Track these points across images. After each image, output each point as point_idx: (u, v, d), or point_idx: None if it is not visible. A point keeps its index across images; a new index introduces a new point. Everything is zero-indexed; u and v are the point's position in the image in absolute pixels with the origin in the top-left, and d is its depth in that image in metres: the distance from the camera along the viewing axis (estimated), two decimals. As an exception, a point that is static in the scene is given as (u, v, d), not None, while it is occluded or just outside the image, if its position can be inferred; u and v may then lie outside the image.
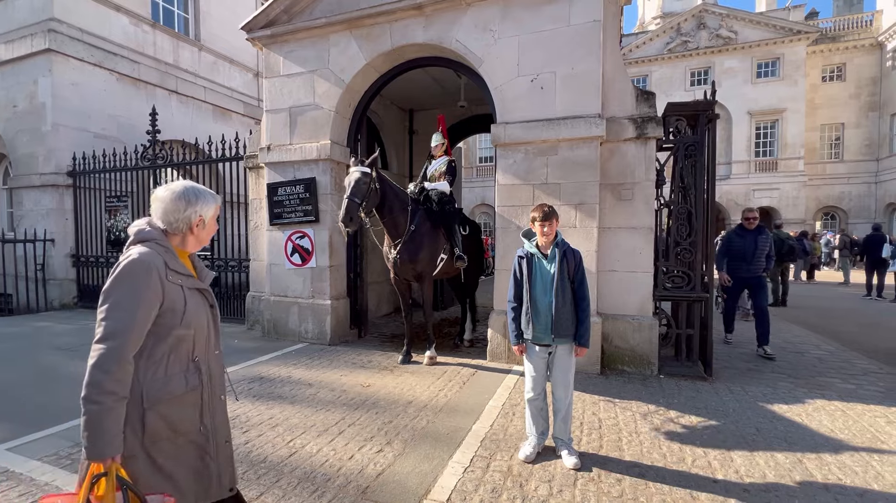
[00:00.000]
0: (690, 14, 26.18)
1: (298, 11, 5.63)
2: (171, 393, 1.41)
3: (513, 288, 2.83)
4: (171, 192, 1.46)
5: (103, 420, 1.25)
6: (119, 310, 1.30)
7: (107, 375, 1.26)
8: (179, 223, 1.45)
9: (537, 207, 2.74)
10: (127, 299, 1.31)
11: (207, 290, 1.54)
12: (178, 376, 1.43)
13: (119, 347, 1.28)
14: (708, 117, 4.43)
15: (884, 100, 24.55)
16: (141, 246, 1.40)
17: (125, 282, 1.32)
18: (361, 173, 4.30)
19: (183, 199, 1.45)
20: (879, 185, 24.58)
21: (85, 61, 8.45)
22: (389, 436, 3.08)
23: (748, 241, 5.42)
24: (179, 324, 1.41)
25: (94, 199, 8.25)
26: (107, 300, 1.31)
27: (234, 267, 6.95)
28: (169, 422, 1.41)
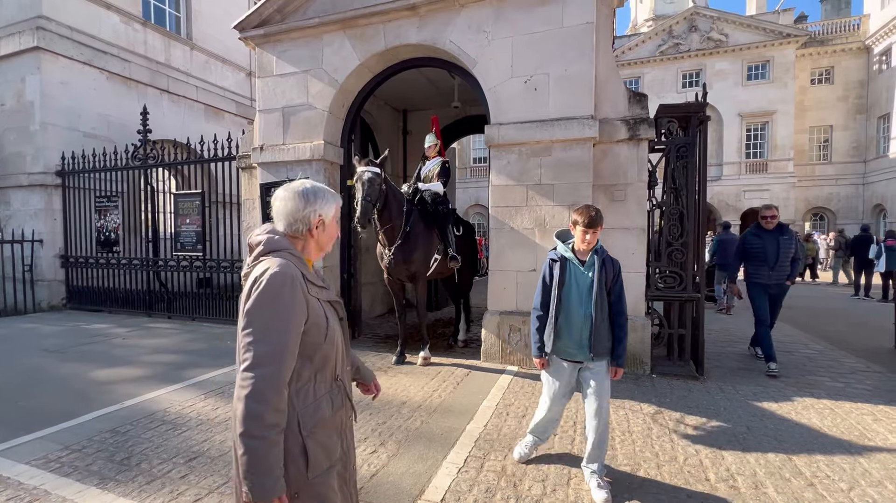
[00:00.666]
0: (682, 17, 26.43)
1: (292, 11, 5.60)
2: (323, 417, 1.28)
3: (540, 294, 2.53)
4: (289, 190, 1.36)
5: (268, 456, 1.12)
6: (269, 331, 1.15)
7: (266, 406, 1.11)
8: (298, 224, 1.33)
9: (582, 210, 2.39)
10: (276, 318, 1.16)
11: (339, 302, 1.43)
12: (325, 398, 1.30)
13: (275, 374, 1.14)
14: (699, 119, 4.48)
15: (871, 102, 24.94)
16: (273, 257, 1.25)
17: (271, 298, 1.16)
18: (374, 174, 4.29)
19: (301, 198, 1.34)
20: (867, 186, 24.97)
21: (74, 59, 8.35)
22: (383, 437, 3.07)
23: (769, 243, 4.68)
24: (324, 342, 1.28)
25: (84, 200, 8.14)
26: (253, 321, 1.16)
27: (226, 267, 6.90)
28: (325, 450, 1.28)
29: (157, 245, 7.70)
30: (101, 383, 4.20)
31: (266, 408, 1.11)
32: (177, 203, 7.29)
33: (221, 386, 4.12)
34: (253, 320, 1.16)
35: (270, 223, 1.38)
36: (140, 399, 3.79)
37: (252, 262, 1.29)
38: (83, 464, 2.72)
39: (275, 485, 1.12)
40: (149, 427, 3.24)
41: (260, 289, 1.17)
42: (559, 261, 2.48)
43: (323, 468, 1.26)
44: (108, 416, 3.43)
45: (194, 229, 7.11)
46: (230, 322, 6.75)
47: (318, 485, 1.25)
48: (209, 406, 3.64)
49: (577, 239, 2.45)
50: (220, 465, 2.69)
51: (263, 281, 1.18)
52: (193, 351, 5.38)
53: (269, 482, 1.11)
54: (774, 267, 4.68)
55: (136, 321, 7.18)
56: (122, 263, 7.89)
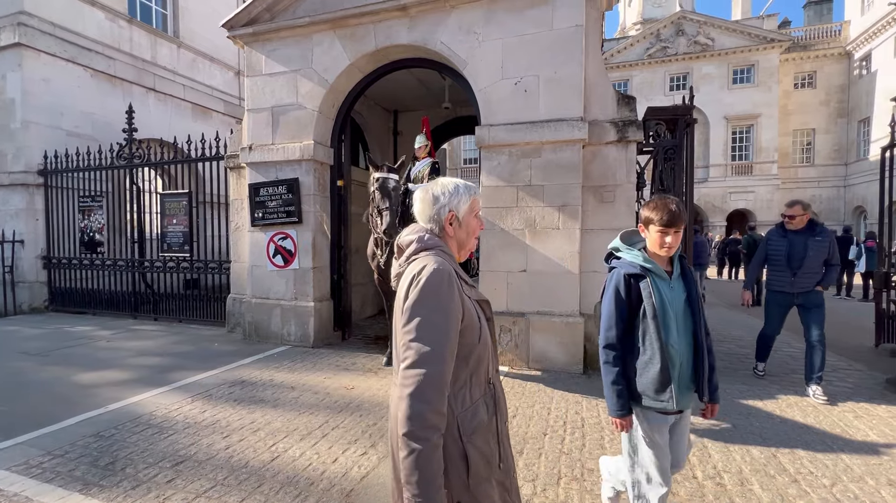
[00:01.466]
0: (669, 21, 26.80)
1: (281, 10, 5.56)
2: (481, 422, 1.22)
3: (616, 324, 1.83)
4: (422, 190, 1.34)
5: (431, 460, 1.07)
6: (432, 329, 1.11)
7: (429, 406, 1.07)
8: (433, 223, 1.31)
9: (657, 205, 1.79)
10: (438, 316, 1.12)
11: (487, 302, 1.36)
12: (480, 402, 1.24)
13: (438, 374, 1.09)
14: (686, 121, 4.55)
15: (851, 107, 25.56)
16: (427, 255, 1.23)
17: (432, 295, 1.13)
18: (396, 182, 4.32)
19: (431, 196, 1.31)
20: (848, 188, 25.56)
21: (57, 56, 8.18)
22: (374, 439, 3.06)
23: (795, 245, 4.00)
24: (478, 342, 1.23)
25: (67, 199, 7.98)
26: (414, 318, 1.13)
27: (214, 268, 6.81)
28: (484, 457, 1.21)
29: (142, 246, 7.58)
30: (85, 387, 4.12)
31: (428, 408, 1.07)
32: (163, 203, 7.18)
33: (209, 388, 4.06)
34: (413, 317, 1.13)
35: (416, 223, 1.35)
36: (125, 402, 3.72)
37: (405, 262, 1.26)
38: (66, 469, 2.67)
39: (437, 494, 1.07)
40: (134, 431, 3.18)
41: (420, 286, 1.14)
42: (636, 276, 1.80)
43: (483, 476, 1.20)
44: (92, 420, 3.36)
45: (181, 230, 7.01)
46: (218, 324, 6.67)
47: (480, 494, 1.20)
48: (196, 409, 3.59)
49: (651, 242, 1.82)
50: (208, 469, 2.65)
51: (423, 278, 1.15)
52: (180, 353, 5.30)
53: (432, 489, 1.06)
54: (798, 273, 4.00)
55: (122, 323, 7.05)
56: (106, 264, 7.74)
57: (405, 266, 1.26)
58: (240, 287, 6.27)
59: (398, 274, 1.28)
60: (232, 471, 2.63)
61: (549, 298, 4.61)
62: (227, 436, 3.11)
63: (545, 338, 4.60)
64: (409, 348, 1.11)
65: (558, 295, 4.59)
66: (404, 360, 1.12)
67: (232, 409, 3.58)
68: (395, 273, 1.30)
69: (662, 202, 1.79)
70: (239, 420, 3.37)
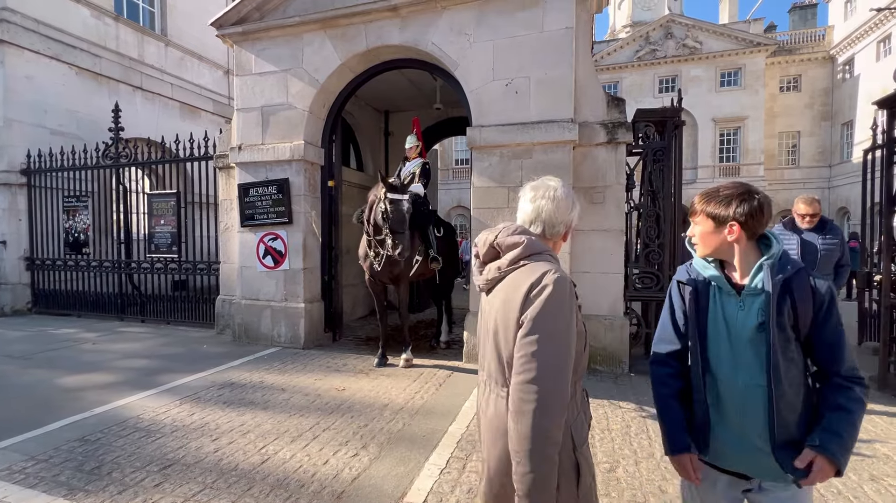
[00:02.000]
0: (658, 24, 27.11)
1: (271, 9, 5.52)
2: (586, 430, 1.21)
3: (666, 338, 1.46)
4: (553, 190, 1.24)
5: (552, 474, 1.05)
6: (556, 342, 1.08)
7: (553, 423, 1.06)
8: (560, 227, 1.25)
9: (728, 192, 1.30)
10: (562, 329, 1.09)
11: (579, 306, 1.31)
12: (581, 410, 1.22)
13: (562, 390, 1.07)
14: (675, 123, 4.60)
15: (835, 110, 26.08)
16: (538, 260, 1.17)
17: (557, 307, 1.09)
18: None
19: (568, 200, 1.24)
20: (832, 190, 26.08)
21: (41, 54, 8.03)
22: (365, 440, 3.05)
23: (808, 246, 3.56)
24: (584, 350, 1.21)
25: (51, 199, 7.83)
26: (538, 330, 1.08)
27: (202, 270, 6.74)
28: (589, 464, 1.19)
29: (129, 247, 7.46)
30: (70, 390, 4.04)
31: (553, 424, 1.06)
32: (151, 203, 7.08)
33: (198, 391, 4.01)
34: (537, 329, 1.08)
35: (511, 223, 1.26)
36: (111, 406, 3.66)
37: (509, 266, 1.19)
38: (50, 474, 2.62)
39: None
40: (120, 435, 3.13)
41: (546, 295, 1.09)
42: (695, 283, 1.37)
43: (588, 484, 1.18)
44: (77, 425, 3.30)
45: (169, 230, 6.92)
46: (207, 326, 6.59)
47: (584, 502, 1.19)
48: (185, 412, 3.55)
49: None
50: (197, 473, 2.62)
51: (549, 287, 1.09)
52: (168, 355, 5.23)
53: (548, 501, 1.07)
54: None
55: (108, 325, 6.94)
56: (92, 266, 7.61)
57: (509, 269, 1.19)
58: (229, 288, 6.21)
59: (497, 278, 1.21)
60: (221, 474, 2.60)
61: (540, 299, 4.63)
62: (217, 438, 3.07)
63: (536, 338, 4.61)
64: (532, 361, 1.07)
65: (549, 295, 4.61)
66: (524, 373, 1.07)
67: (221, 412, 3.54)
68: (490, 277, 1.23)
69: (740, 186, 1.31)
70: (228, 422, 3.34)
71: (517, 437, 1.07)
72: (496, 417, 1.18)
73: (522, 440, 1.06)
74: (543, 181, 1.28)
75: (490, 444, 1.20)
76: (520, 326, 1.11)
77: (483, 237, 1.27)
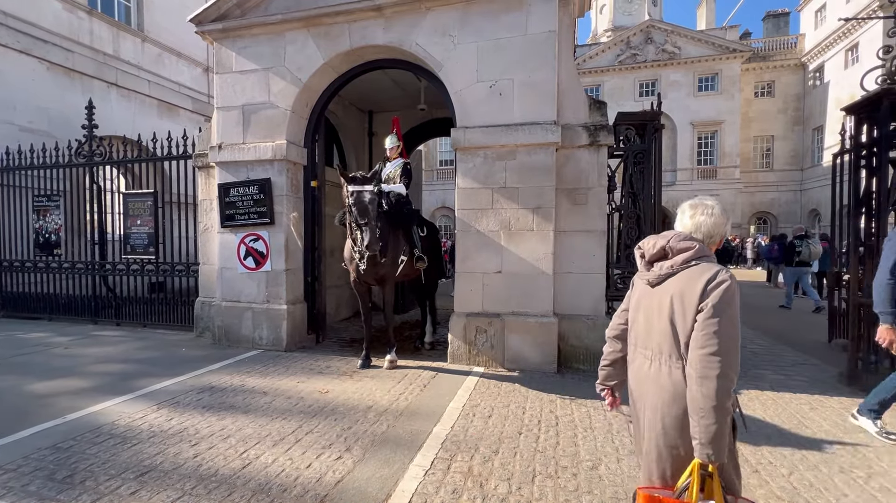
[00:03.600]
0: (639, 28, 27.67)
1: (252, 6, 5.44)
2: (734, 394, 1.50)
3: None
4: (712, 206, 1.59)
5: (726, 426, 1.38)
6: (733, 324, 1.40)
7: (731, 384, 1.38)
8: (716, 237, 1.58)
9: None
10: (734, 313, 1.41)
11: None
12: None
13: (737, 359, 1.40)
14: (655, 127, 4.71)
15: (806, 115, 27.04)
16: (708, 262, 1.50)
17: (732, 298, 1.41)
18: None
19: (724, 215, 1.59)
20: (804, 192, 27.01)
21: (9, 47, 7.75)
22: (349, 443, 3.02)
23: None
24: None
25: (20, 199, 7.54)
26: (719, 314, 1.39)
27: (181, 271, 6.58)
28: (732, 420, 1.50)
29: (104, 247, 7.23)
30: (40, 396, 3.90)
31: (730, 385, 1.38)
32: (127, 203, 6.88)
33: (176, 395, 3.92)
34: (718, 314, 1.39)
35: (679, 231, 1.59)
36: (84, 412, 3.54)
37: (682, 265, 1.51)
38: (19, 484, 2.52)
39: (723, 451, 1.39)
40: (94, 442, 3.03)
41: (723, 288, 1.41)
42: None
43: (734, 439, 1.52)
44: (48, 432, 3.18)
45: (146, 231, 6.74)
46: (186, 328, 6.44)
47: (734, 456, 1.56)
48: (163, 417, 3.46)
49: None
50: (175, 479, 2.56)
51: (725, 282, 1.42)
52: (145, 359, 5.09)
53: (722, 446, 1.38)
54: None
55: (81, 329, 6.71)
56: (63, 267, 7.36)
57: (682, 268, 1.50)
58: (209, 290, 6.08)
59: (666, 275, 1.53)
60: (201, 480, 2.55)
61: (524, 299, 4.68)
62: (196, 443, 3.00)
63: (520, 338, 4.65)
64: (714, 338, 1.38)
65: (533, 295, 4.66)
66: (708, 347, 1.38)
67: (201, 416, 3.47)
68: (662, 272, 1.55)
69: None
70: (208, 427, 3.27)
71: (701, 397, 1.38)
72: (672, 384, 1.49)
73: (707, 399, 1.37)
74: (701, 200, 1.63)
75: (665, 406, 1.51)
76: (698, 311, 1.42)
77: (651, 242, 1.61)
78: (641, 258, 1.65)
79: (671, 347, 1.49)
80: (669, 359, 1.50)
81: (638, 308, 1.66)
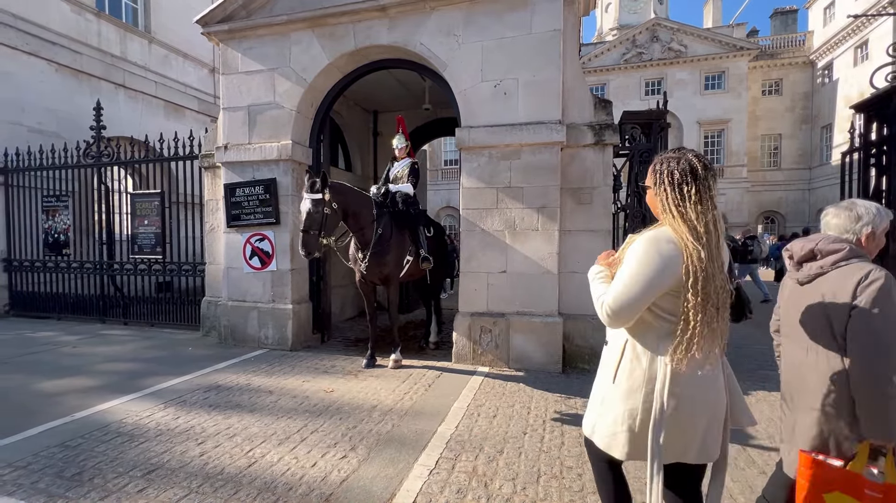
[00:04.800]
0: (644, 27, 27.49)
1: (258, 7, 5.46)
2: None
3: None
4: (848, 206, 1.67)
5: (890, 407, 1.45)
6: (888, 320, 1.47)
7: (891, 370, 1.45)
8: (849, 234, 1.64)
9: None
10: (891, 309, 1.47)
11: None
12: None
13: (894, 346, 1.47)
14: (660, 126, 4.68)
15: (815, 113, 26.73)
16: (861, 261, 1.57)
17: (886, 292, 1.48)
18: (312, 202, 4.11)
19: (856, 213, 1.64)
20: (812, 191, 26.71)
21: (18, 49, 7.83)
22: (354, 442, 3.03)
23: None
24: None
25: (30, 199, 7.63)
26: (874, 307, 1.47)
27: (188, 271, 6.63)
28: None
29: (111, 247, 7.30)
30: (49, 395, 3.94)
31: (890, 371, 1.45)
32: (134, 203, 6.94)
33: (183, 394, 3.95)
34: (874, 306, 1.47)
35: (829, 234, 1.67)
36: (92, 410, 3.58)
37: (832, 266, 1.60)
38: (28, 481, 2.55)
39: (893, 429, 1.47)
40: (102, 440, 3.06)
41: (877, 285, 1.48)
42: None
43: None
44: (57, 430, 3.22)
45: (153, 231, 6.79)
46: (192, 328, 6.49)
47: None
48: (169, 415, 3.48)
49: None
50: (182, 477, 2.58)
51: (879, 280, 1.49)
52: (152, 358, 5.13)
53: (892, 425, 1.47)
54: None
55: (89, 328, 6.78)
56: (72, 267, 7.43)
57: (831, 268, 1.60)
58: (215, 290, 6.12)
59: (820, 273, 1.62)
60: (207, 479, 2.56)
61: (529, 299, 4.67)
62: (202, 442, 3.02)
63: (525, 338, 4.64)
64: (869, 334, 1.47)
65: (538, 295, 4.65)
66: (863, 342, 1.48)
67: (207, 415, 3.49)
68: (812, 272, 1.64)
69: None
70: (214, 426, 3.29)
71: (863, 382, 1.48)
72: (830, 370, 1.58)
73: (869, 383, 1.47)
74: (852, 202, 1.68)
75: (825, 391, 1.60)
76: (852, 308, 1.51)
77: (800, 244, 1.72)
78: (790, 259, 1.77)
79: (829, 338, 1.59)
80: (825, 349, 1.61)
81: (788, 305, 1.79)
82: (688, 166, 1.38)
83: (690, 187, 1.36)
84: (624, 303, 1.38)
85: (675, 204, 1.37)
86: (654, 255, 1.36)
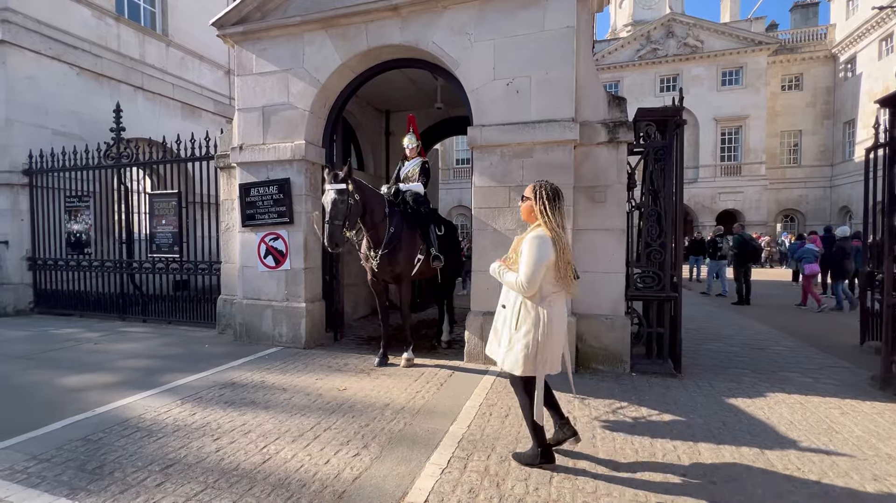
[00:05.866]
0: (659, 23, 27.06)
1: (272, 9, 5.52)
2: None
3: None
4: None
5: None
6: None
7: None
8: None
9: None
10: None
11: None
12: None
13: None
14: (676, 123, 4.59)
15: (837, 109, 26.00)
16: None
17: None
18: (337, 192, 4.12)
19: None
20: (834, 189, 26.00)
21: (42, 54, 8.05)
22: (366, 440, 3.05)
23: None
24: None
25: (53, 200, 7.85)
26: None
27: (204, 270, 6.75)
28: None
29: (131, 246, 7.48)
30: (71, 390, 4.05)
31: None
32: (152, 203, 7.09)
33: (199, 390, 4.02)
34: None
35: None
36: (113, 406, 3.66)
37: None
38: (52, 474, 2.62)
39: None
40: (122, 434, 3.13)
41: None
42: None
43: None
44: (79, 424, 3.31)
45: (171, 230, 6.93)
46: (209, 325, 6.60)
47: None
48: (186, 411, 3.55)
49: None
50: (198, 472, 2.62)
51: None
52: (170, 355, 5.24)
53: None
54: None
55: (109, 325, 6.95)
56: (93, 265, 7.63)
57: None
58: (230, 288, 6.22)
59: None
60: (223, 474, 2.61)
61: (542, 298, 4.62)
62: (218, 438, 3.08)
63: (537, 337, 4.60)
64: None
65: (550, 295, 4.60)
66: None
67: (222, 411, 3.55)
68: None
69: None
70: (230, 422, 3.34)
71: None
72: None
73: None
74: None
75: None
76: None
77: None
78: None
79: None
80: None
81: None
82: (553, 190, 2.52)
83: (558, 202, 2.49)
84: (531, 277, 2.38)
85: (551, 212, 2.45)
86: (541, 244, 2.40)
